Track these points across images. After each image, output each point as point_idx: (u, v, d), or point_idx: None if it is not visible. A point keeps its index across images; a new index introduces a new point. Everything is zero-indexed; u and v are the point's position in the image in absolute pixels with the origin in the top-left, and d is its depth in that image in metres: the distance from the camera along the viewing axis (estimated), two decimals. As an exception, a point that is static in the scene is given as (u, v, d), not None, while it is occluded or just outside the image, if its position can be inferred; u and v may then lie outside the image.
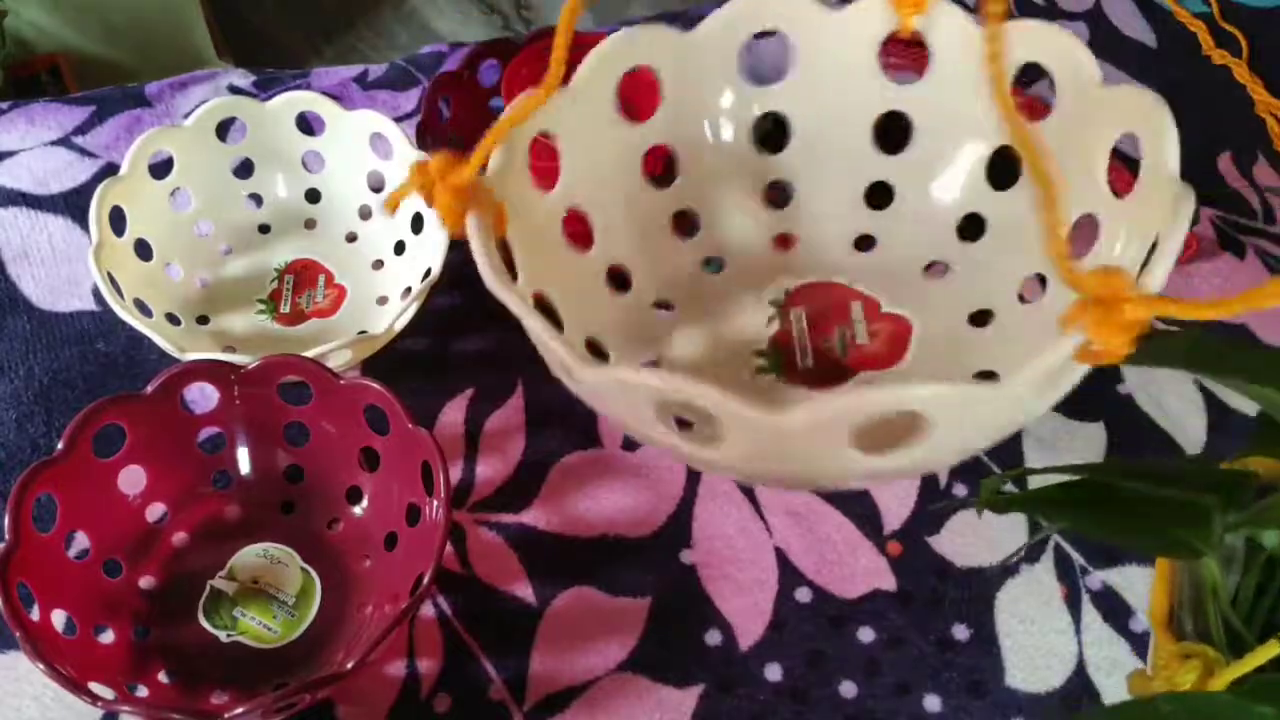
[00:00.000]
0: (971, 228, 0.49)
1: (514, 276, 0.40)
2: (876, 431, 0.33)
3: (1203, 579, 0.34)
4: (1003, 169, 0.47)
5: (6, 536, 0.39)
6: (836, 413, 0.31)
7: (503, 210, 0.40)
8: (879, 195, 0.50)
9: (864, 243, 0.51)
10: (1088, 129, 0.43)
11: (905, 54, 0.47)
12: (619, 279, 0.47)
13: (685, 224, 0.50)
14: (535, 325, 0.36)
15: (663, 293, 0.49)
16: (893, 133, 0.49)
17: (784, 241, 0.51)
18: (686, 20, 0.48)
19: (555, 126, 0.43)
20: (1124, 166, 0.42)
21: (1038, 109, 0.44)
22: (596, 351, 0.45)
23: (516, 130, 0.40)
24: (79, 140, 0.59)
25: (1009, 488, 0.49)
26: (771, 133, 0.50)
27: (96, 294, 0.53)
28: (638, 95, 0.47)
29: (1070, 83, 0.43)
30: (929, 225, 0.49)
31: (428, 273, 0.49)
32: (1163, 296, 0.29)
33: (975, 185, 0.48)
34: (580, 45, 0.52)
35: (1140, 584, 0.46)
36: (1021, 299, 0.47)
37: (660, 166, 0.49)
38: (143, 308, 0.49)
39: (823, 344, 0.48)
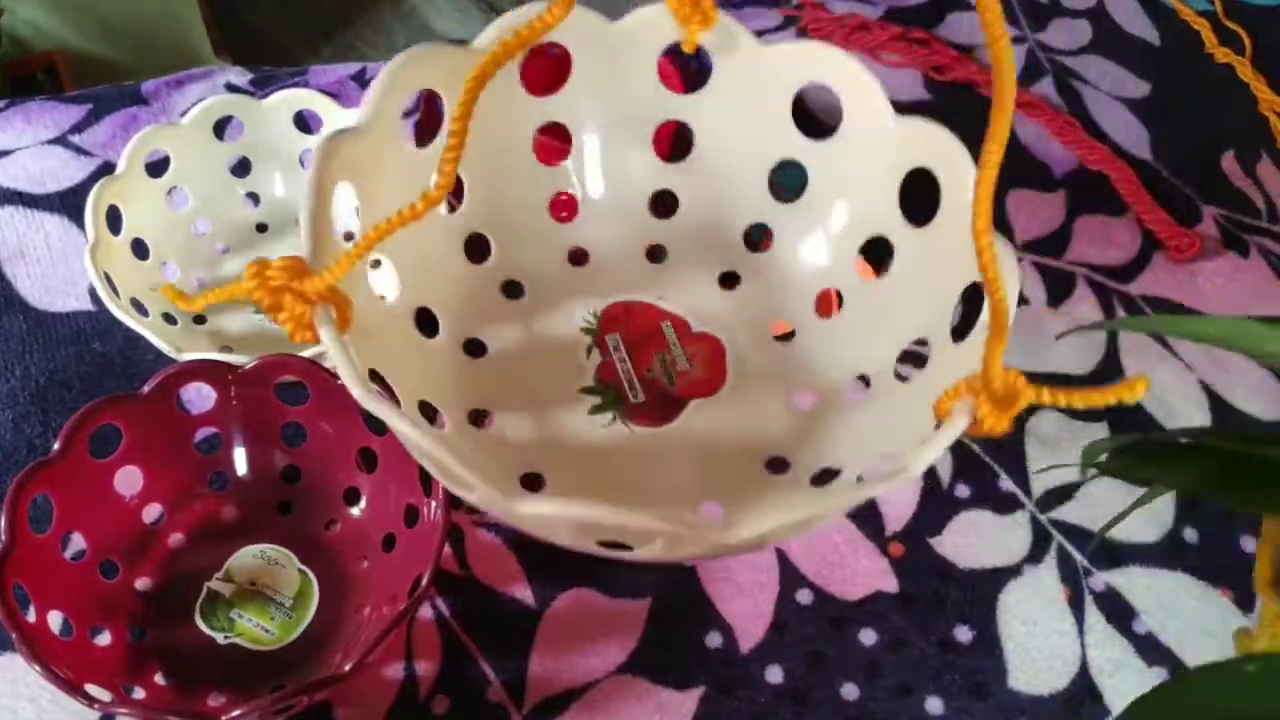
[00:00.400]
0: (756, 238, 0.48)
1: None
2: None
3: None
4: (785, 177, 0.47)
5: (3, 537, 0.39)
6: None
7: (348, 307, 0.35)
8: (665, 204, 0.49)
9: (655, 253, 0.50)
10: (879, 162, 0.43)
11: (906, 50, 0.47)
12: (427, 324, 0.44)
13: (478, 250, 0.47)
14: (447, 460, 0.32)
15: (470, 329, 0.46)
16: (677, 142, 0.48)
17: (578, 257, 0.49)
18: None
19: (354, 174, 0.40)
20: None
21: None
22: (427, 412, 0.42)
23: (328, 183, 0.37)
24: (75, 139, 0.59)
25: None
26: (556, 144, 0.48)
27: (93, 293, 0.53)
28: (422, 120, 0.44)
29: (859, 111, 0.43)
30: (715, 235, 0.49)
31: (426, 272, 0.49)
32: (1048, 389, 0.32)
33: (758, 197, 0.47)
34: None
35: (1143, 586, 0.46)
36: (819, 313, 0.46)
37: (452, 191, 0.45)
38: (139, 307, 0.49)
39: (646, 373, 0.46)
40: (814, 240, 0.47)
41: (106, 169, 0.56)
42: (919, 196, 0.42)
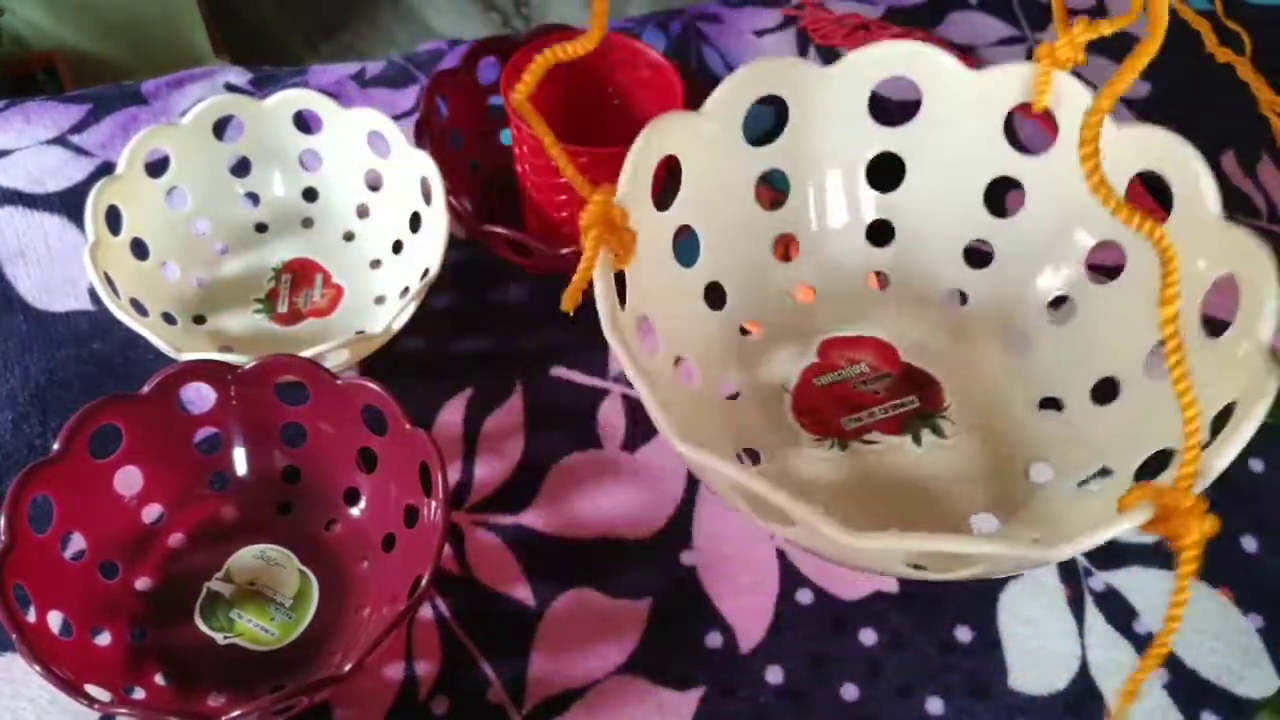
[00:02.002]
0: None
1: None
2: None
3: None
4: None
5: (3, 537, 0.39)
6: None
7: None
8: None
9: (881, 280, 0.52)
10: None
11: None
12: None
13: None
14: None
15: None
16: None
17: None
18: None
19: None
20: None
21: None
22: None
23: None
24: (75, 139, 0.59)
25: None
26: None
27: (93, 294, 0.53)
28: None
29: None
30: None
31: (425, 272, 0.49)
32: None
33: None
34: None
35: (1143, 586, 0.46)
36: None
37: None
38: (139, 307, 0.49)
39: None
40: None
41: (106, 169, 0.57)
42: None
